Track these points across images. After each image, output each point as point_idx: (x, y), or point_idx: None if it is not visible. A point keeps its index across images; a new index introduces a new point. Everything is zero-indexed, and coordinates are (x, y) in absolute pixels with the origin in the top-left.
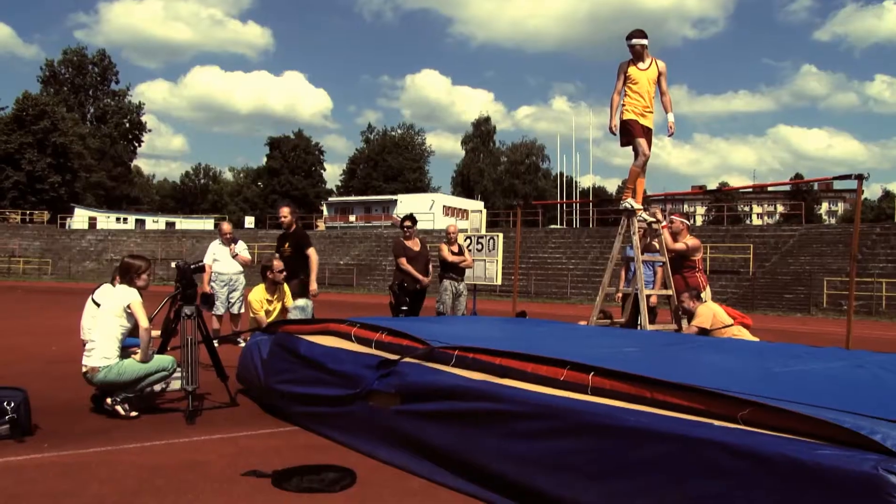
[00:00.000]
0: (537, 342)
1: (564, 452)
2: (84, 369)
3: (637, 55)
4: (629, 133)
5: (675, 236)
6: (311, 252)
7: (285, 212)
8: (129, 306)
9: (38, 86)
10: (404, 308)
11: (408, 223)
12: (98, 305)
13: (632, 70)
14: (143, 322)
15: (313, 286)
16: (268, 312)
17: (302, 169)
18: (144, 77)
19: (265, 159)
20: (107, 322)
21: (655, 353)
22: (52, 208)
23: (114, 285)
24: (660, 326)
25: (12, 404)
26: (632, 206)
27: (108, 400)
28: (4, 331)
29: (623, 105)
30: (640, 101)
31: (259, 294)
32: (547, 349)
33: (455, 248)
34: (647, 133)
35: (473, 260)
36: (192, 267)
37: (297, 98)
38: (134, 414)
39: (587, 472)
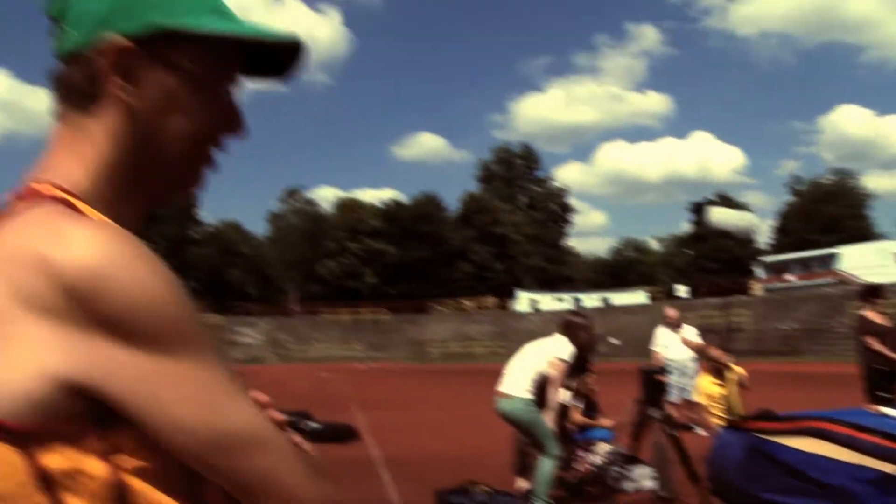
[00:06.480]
0: None
1: None
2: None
3: None
4: None
5: None
6: None
7: None
8: (550, 362)
9: (473, 184)
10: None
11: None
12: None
13: None
14: (552, 393)
15: None
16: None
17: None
18: (556, 161)
19: (687, 225)
20: (528, 360)
21: None
22: (498, 294)
23: None
24: None
25: None
26: None
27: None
28: (471, 419)
29: None
30: None
31: (705, 384)
32: None
33: None
34: None
35: None
36: (654, 371)
37: (708, 158)
38: None
39: None
